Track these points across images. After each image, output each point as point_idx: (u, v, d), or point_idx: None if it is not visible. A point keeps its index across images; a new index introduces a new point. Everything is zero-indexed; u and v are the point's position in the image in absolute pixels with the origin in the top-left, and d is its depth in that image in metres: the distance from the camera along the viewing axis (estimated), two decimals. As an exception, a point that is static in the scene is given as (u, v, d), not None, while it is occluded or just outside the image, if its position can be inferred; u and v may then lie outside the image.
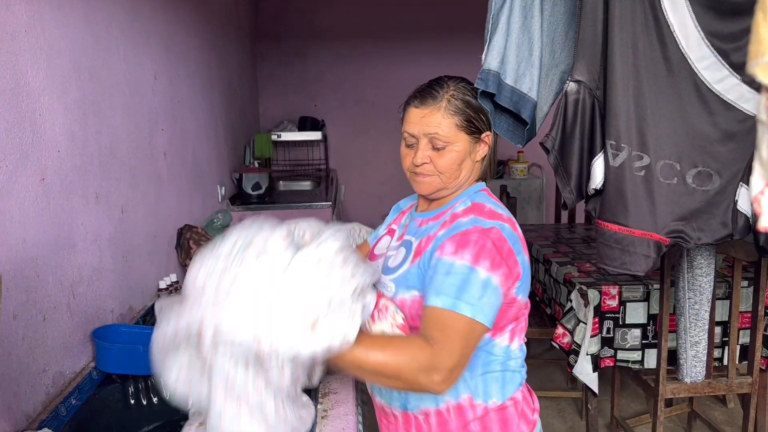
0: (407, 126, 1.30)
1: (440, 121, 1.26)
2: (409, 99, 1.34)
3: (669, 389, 2.24)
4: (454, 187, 1.32)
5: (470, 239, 1.17)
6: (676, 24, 1.49)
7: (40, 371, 1.46)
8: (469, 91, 1.32)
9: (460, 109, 1.27)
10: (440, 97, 1.28)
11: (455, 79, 1.33)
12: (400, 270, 1.28)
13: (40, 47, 1.48)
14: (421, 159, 1.28)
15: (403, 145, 1.34)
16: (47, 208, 1.49)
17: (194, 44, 2.97)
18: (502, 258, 1.16)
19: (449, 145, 1.27)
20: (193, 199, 2.85)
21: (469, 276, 1.13)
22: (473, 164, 1.33)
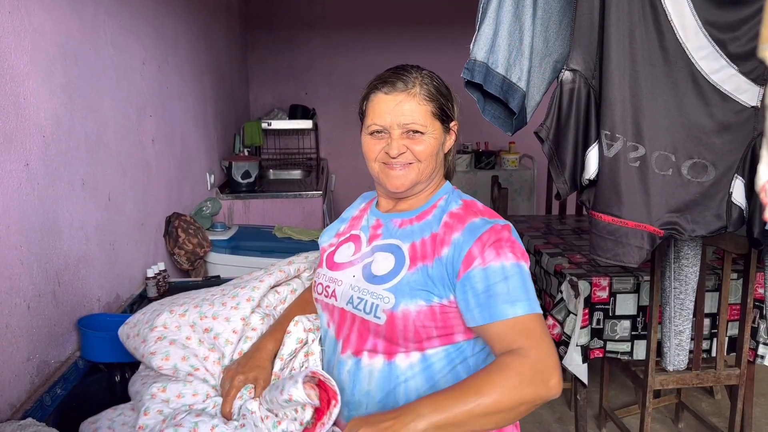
0: (375, 116, 1.20)
1: (415, 108, 1.19)
2: (372, 87, 1.23)
3: (658, 380, 2.25)
4: (427, 182, 1.25)
5: (502, 238, 1.13)
6: (673, 13, 1.47)
7: (24, 360, 1.43)
8: (435, 78, 1.25)
9: (433, 95, 1.21)
10: (411, 83, 1.20)
11: (416, 66, 1.26)
12: (397, 278, 1.17)
13: (25, 30, 1.45)
14: (398, 149, 1.19)
15: (366, 136, 1.24)
16: (32, 194, 1.46)
17: (184, 30, 2.93)
18: (523, 252, 1.15)
19: (426, 133, 1.20)
20: (182, 187, 2.82)
21: (521, 274, 1.10)
22: (442, 156, 1.28)
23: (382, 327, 1.15)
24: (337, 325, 1.24)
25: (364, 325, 1.18)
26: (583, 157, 1.62)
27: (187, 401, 1.22)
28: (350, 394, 1.20)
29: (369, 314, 1.16)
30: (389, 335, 1.15)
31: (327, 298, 1.27)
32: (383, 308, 1.15)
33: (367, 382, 1.18)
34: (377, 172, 1.24)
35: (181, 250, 2.48)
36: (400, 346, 1.16)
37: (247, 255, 2.71)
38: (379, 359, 1.17)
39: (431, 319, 1.14)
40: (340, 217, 1.43)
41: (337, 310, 1.24)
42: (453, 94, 1.28)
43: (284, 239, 2.96)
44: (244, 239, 2.93)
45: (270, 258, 2.50)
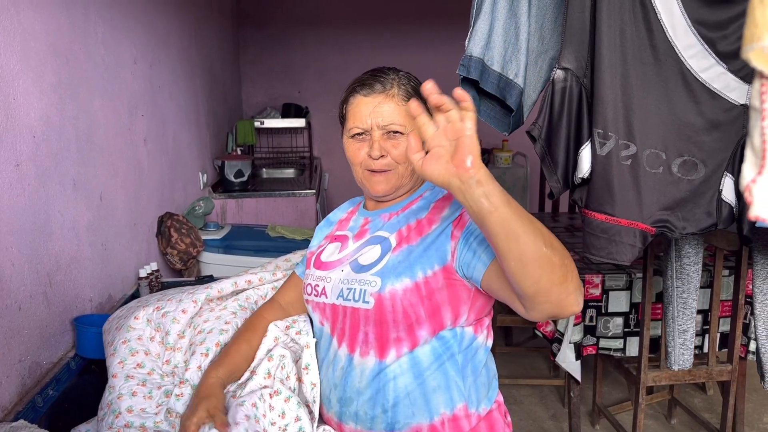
0: (356, 119, 1.22)
1: (395, 109, 1.20)
2: (351, 89, 1.25)
3: (650, 377, 2.26)
4: (410, 184, 1.26)
5: None
6: (663, 11, 1.48)
7: (16, 361, 1.43)
8: (412, 79, 1.26)
9: (411, 95, 1.21)
10: (389, 85, 1.21)
11: (393, 68, 1.27)
12: (382, 262, 1.19)
13: (14, 29, 1.44)
14: (380, 151, 1.20)
15: (348, 139, 1.25)
16: (22, 194, 1.46)
17: (175, 29, 2.92)
18: None
19: (406, 133, 1.20)
20: (175, 186, 2.81)
21: None
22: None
23: (372, 311, 1.16)
24: (331, 322, 1.25)
25: (354, 315, 1.19)
26: (576, 156, 1.62)
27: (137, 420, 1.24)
28: (342, 390, 1.21)
29: (358, 301, 1.18)
30: (379, 318, 1.15)
31: (317, 297, 1.27)
32: (370, 292, 1.16)
33: (358, 380, 1.19)
34: (360, 177, 1.26)
35: (173, 250, 2.47)
36: (391, 331, 1.16)
37: (240, 254, 2.70)
38: (371, 359, 1.18)
39: (418, 297, 1.14)
40: (326, 219, 1.44)
41: (328, 306, 1.24)
42: None
43: (277, 238, 2.95)
44: (237, 238, 2.93)
45: (263, 257, 2.50)
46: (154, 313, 1.42)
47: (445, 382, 1.17)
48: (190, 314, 1.41)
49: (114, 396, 1.27)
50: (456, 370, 1.18)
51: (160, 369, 1.36)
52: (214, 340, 1.35)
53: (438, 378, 1.17)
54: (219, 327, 1.39)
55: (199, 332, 1.39)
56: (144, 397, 1.27)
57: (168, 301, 1.45)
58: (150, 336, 1.40)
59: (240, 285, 1.55)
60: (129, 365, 1.33)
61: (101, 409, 1.29)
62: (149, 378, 1.32)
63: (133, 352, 1.36)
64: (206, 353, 1.33)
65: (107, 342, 1.45)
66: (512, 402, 3.01)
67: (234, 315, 1.44)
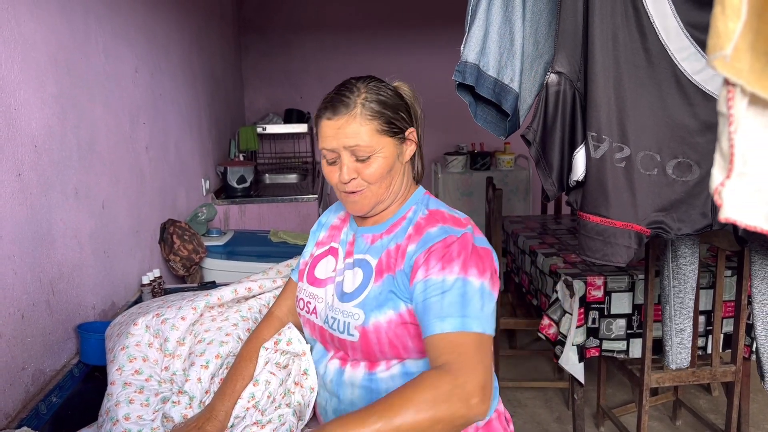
0: (323, 141, 1.19)
1: (358, 129, 1.15)
2: (319, 111, 1.21)
3: (654, 378, 2.26)
4: (391, 197, 1.23)
5: (452, 250, 1.09)
6: (655, 15, 1.48)
7: (19, 369, 1.44)
8: (382, 90, 1.20)
9: (376, 112, 1.16)
10: (353, 103, 1.16)
11: (364, 79, 1.22)
12: (364, 293, 1.17)
13: (15, 40, 1.45)
14: (349, 174, 1.17)
15: (324, 162, 1.23)
16: (24, 204, 1.47)
17: (176, 36, 2.94)
18: (485, 263, 1.10)
19: (374, 154, 1.17)
20: (177, 193, 2.83)
21: (465, 289, 1.05)
22: (403, 166, 1.23)
23: (357, 343, 1.16)
24: (321, 339, 1.26)
25: (341, 342, 1.19)
26: (570, 159, 1.63)
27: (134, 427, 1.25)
28: (338, 402, 1.22)
29: (343, 333, 1.18)
30: (365, 350, 1.16)
31: (308, 314, 1.27)
32: (354, 325, 1.15)
33: (350, 392, 1.19)
34: (339, 197, 1.25)
35: (176, 257, 2.49)
36: (379, 360, 1.16)
37: (242, 260, 2.72)
38: (361, 370, 1.18)
39: (403, 328, 1.13)
40: (318, 222, 1.43)
41: (317, 327, 1.25)
42: (409, 100, 1.26)
43: (280, 244, 2.96)
44: (239, 244, 2.94)
45: (266, 263, 2.51)
46: (153, 320, 1.44)
47: None
48: (189, 321, 1.42)
49: (112, 403, 1.28)
50: None
51: (158, 375, 1.37)
52: (214, 352, 1.36)
53: None
54: (219, 339, 1.40)
55: (199, 341, 1.40)
56: (141, 404, 1.28)
57: (168, 308, 1.46)
58: (148, 342, 1.41)
59: (240, 292, 1.56)
60: (127, 372, 1.34)
61: (100, 416, 1.30)
62: (147, 385, 1.33)
63: (132, 358, 1.37)
64: (206, 365, 1.34)
65: (107, 348, 1.46)
66: (516, 405, 3.01)
67: (235, 326, 1.45)
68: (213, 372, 1.34)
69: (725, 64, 0.44)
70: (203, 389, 1.32)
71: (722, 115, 0.47)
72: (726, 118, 0.47)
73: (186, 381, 1.32)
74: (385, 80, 1.26)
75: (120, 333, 1.46)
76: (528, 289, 2.94)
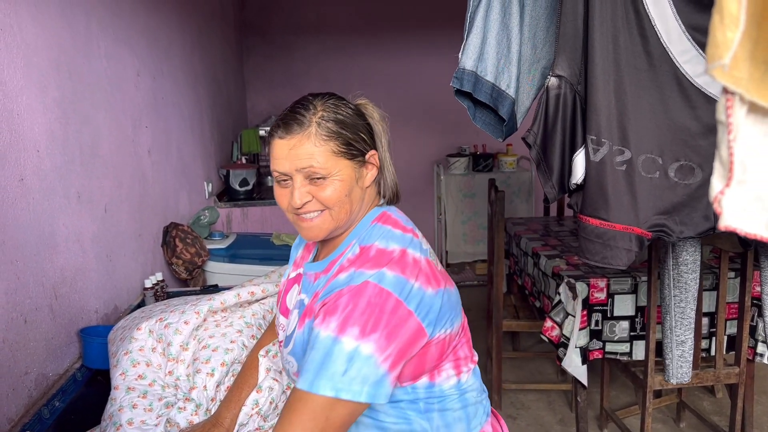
0: (275, 163, 1.08)
1: (312, 150, 1.05)
2: (271, 129, 1.11)
3: (657, 381, 2.25)
4: (347, 223, 1.12)
5: (339, 304, 0.99)
6: (657, 18, 1.48)
7: (22, 374, 1.44)
8: (341, 108, 1.11)
9: (333, 132, 1.07)
10: (307, 122, 1.06)
11: (322, 96, 1.13)
12: (292, 340, 1.11)
13: (17, 45, 1.46)
14: (301, 199, 1.07)
15: (275, 184, 1.12)
16: (27, 208, 1.47)
17: (178, 39, 2.94)
18: (379, 319, 0.97)
19: (330, 176, 1.06)
20: (179, 197, 2.83)
21: (332, 349, 0.95)
22: (363, 191, 1.13)
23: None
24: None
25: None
26: (570, 162, 1.63)
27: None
28: None
29: (291, 377, 1.16)
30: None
31: (279, 345, 1.23)
32: (292, 372, 1.13)
33: None
34: (292, 223, 1.14)
35: (179, 260, 2.49)
36: None
37: (245, 263, 2.72)
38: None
39: None
40: (299, 236, 1.32)
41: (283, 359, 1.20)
42: (372, 120, 1.16)
43: (282, 246, 2.97)
44: (242, 247, 2.94)
45: (268, 266, 2.51)
46: (156, 324, 1.44)
47: (408, 427, 1.10)
48: (192, 325, 1.43)
49: (115, 408, 1.28)
50: (417, 412, 1.10)
51: (162, 380, 1.37)
52: (219, 360, 1.36)
53: (401, 424, 1.10)
54: (224, 346, 1.40)
55: (204, 347, 1.40)
56: (144, 409, 1.28)
57: (171, 312, 1.47)
58: (152, 347, 1.41)
59: (243, 296, 1.56)
60: (130, 377, 1.35)
61: (103, 420, 1.31)
62: (150, 389, 1.33)
63: (135, 363, 1.38)
64: (211, 373, 1.34)
65: (111, 353, 1.46)
66: (519, 407, 3.00)
67: (240, 333, 1.45)
68: (218, 380, 1.35)
69: (724, 73, 0.44)
70: (209, 397, 1.33)
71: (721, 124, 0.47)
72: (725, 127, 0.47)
73: (193, 389, 1.32)
74: (346, 98, 1.17)
75: (123, 337, 1.46)
76: (531, 291, 2.94)
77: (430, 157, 5.05)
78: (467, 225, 4.63)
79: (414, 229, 1.15)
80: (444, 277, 1.11)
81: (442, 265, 1.39)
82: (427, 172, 5.07)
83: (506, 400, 3.05)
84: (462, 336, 1.14)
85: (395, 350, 0.97)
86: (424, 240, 1.15)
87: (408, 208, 4.97)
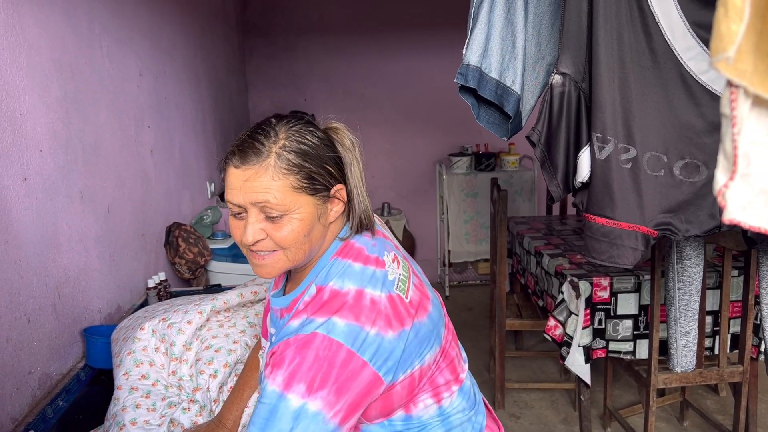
0: (228, 193, 0.97)
1: (269, 184, 0.94)
2: (227, 155, 0.99)
3: (661, 379, 2.25)
4: (305, 260, 1.03)
5: (285, 356, 0.91)
6: (661, 15, 1.47)
7: (26, 373, 1.44)
8: (306, 136, 0.98)
9: (295, 165, 0.95)
10: (266, 152, 0.95)
11: (288, 121, 1.00)
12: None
13: (20, 45, 1.46)
14: (254, 236, 0.96)
15: (230, 215, 1.02)
16: (30, 208, 1.48)
17: (180, 39, 2.94)
18: (328, 374, 0.89)
19: (288, 214, 0.96)
20: (182, 196, 2.83)
21: (277, 405, 0.89)
22: (325, 228, 1.02)
23: None
24: None
25: None
26: (575, 160, 1.62)
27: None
28: None
29: None
30: None
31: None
32: None
33: None
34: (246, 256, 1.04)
35: (181, 260, 2.49)
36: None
37: (247, 263, 2.72)
38: None
39: None
40: None
41: None
42: (342, 148, 1.04)
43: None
44: (245, 247, 2.94)
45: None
46: (159, 324, 1.44)
47: None
48: (195, 325, 1.43)
49: (118, 408, 1.29)
50: None
51: (165, 380, 1.37)
52: (222, 361, 1.36)
53: None
54: (227, 347, 1.40)
55: (207, 347, 1.40)
56: (147, 409, 1.28)
57: (174, 312, 1.47)
58: (155, 347, 1.42)
59: (246, 296, 1.56)
60: (133, 376, 1.35)
61: (107, 419, 1.31)
62: (153, 389, 1.33)
63: (138, 363, 1.38)
64: (214, 374, 1.34)
65: (114, 353, 1.46)
66: (523, 406, 3.00)
67: (243, 333, 1.45)
68: (221, 381, 1.35)
69: (728, 66, 0.44)
70: (212, 398, 1.33)
71: (725, 117, 0.47)
72: (729, 120, 0.47)
73: (196, 390, 1.32)
74: (315, 122, 1.05)
75: (126, 337, 1.46)
76: (534, 290, 2.94)
77: (433, 156, 5.04)
78: (470, 224, 4.62)
79: (381, 256, 1.03)
80: (417, 307, 1.01)
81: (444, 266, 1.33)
82: (430, 171, 5.06)
83: (509, 400, 3.05)
84: (441, 362, 1.05)
85: (346, 404, 0.90)
86: (394, 266, 1.03)
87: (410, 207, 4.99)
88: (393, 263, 1.03)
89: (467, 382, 1.14)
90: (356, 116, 5.14)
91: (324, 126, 1.05)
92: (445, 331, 1.09)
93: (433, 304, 1.07)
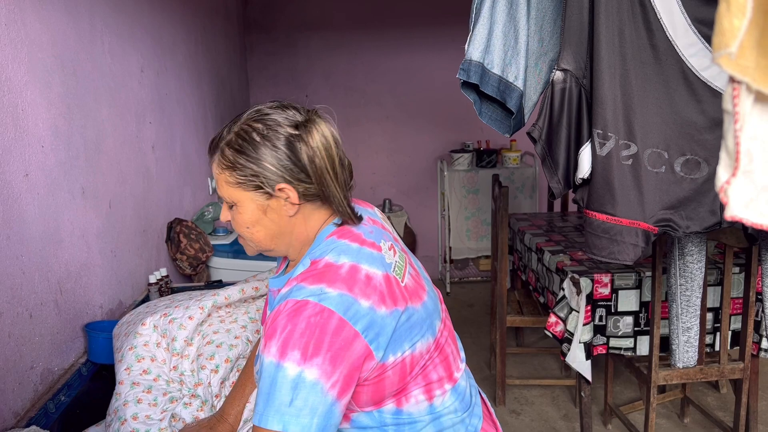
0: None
1: (217, 176, 1.04)
2: None
3: (661, 376, 2.25)
4: (295, 249, 1.07)
5: (277, 325, 0.91)
6: (662, 11, 1.47)
7: (28, 368, 1.45)
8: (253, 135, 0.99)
9: (231, 162, 1.00)
10: (215, 146, 1.03)
11: (256, 113, 1.03)
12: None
13: (22, 41, 1.46)
14: (223, 216, 1.08)
15: None
16: (32, 204, 1.48)
17: (181, 36, 2.94)
18: (321, 341, 0.89)
19: (236, 205, 1.03)
20: (183, 193, 2.83)
21: (276, 376, 0.88)
22: (285, 219, 1.03)
23: None
24: None
25: None
26: (576, 157, 1.62)
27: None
28: None
29: None
30: None
31: None
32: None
33: None
34: None
35: (183, 256, 2.49)
36: None
37: (249, 259, 2.72)
38: None
39: None
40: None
41: None
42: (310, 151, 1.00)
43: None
44: (246, 243, 2.94)
45: (272, 261, 2.51)
46: (161, 320, 1.44)
47: None
48: (197, 321, 1.43)
49: (120, 403, 1.29)
50: None
51: (166, 375, 1.37)
52: (224, 357, 1.37)
53: None
54: (229, 342, 1.40)
55: (208, 343, 1.40)
56: (149, 404, 1.28)
57: (175, 307, 1.47)
58: (156, 342, 1.42)
59: (248, 292, 1.56)
60: (135, 372, 1.35)
61: (108, 415, 1.31)
62: (155, 384, 1.34)
63: (140, 358, 1.38)
64: (216, 370, 1.35)
65: (116, 348, 1.47)
66: (523, 402, 3.00)
67: (244, 329, 1.46)
68: (223, 376, 1.35)
69: (730, 62, 0.44)
70: (213, 393, 1.33)
71: (728, 113, 0.47)
72: (731, 116, 0.47)
73: (198, 385, 1.33)
74: (311, 113, 1.04)
75: (128, 332, 1.46)
76: (535, 287, 2.94)
77: (434, 152, 5.04)
78: (471, 221, 4.62)
79: (378, 242, 1.04)
80: (411, 293, 1.01)
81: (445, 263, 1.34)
82: (431, 168, 5.06)
83: (510, 396, 3.05)
84: (435, 356, 1.05)
85: (341, 376, 0.90)
86: (390, 254, 1.04)
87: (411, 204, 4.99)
88: (389, 251, 1.05)
89: (462, 383, 1.13)
90: (357, 112, 5.14)
91: (304, 118, 1.03)
92: (441, 325, 1.10)
93: (428, 295, 1.08)
